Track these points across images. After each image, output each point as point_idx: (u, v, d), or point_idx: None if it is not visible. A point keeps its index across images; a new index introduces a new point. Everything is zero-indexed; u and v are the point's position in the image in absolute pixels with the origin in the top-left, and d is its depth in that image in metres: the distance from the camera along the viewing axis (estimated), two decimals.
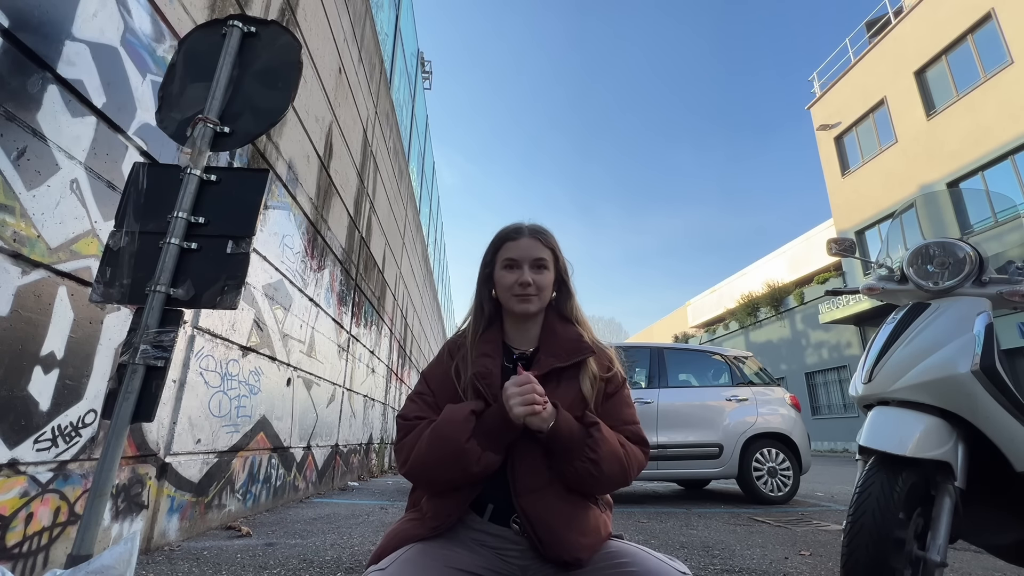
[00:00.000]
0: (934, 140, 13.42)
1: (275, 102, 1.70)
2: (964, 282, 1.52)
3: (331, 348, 5.21)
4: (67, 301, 1.83)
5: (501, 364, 1.04)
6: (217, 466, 2.99)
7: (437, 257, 20.40)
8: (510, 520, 0.96)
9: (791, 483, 4.63)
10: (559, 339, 1.06)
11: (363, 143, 6.22)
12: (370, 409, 7.23)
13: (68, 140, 1.81)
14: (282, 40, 1.77)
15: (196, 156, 1.60)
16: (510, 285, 1.04)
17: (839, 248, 1.93)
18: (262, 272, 3.49)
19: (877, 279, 1.78)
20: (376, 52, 6.87)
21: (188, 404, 2.67)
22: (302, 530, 3.01)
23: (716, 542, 2.91)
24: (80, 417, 1.91)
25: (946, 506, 1.30)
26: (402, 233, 9.63)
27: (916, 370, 1.39)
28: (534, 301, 1.04)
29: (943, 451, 1.31)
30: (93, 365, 1.97)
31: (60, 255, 1.79)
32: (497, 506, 0.97)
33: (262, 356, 3.55)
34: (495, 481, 0.96)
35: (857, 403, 1.59)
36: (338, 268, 5.35)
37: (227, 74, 1.70)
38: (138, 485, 2.29)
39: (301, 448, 4.44)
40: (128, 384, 1.41)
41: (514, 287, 1.04)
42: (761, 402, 4.89)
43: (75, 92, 1.83)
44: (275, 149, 3.58)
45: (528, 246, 1.06)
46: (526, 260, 1.05)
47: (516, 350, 1.08)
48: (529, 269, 1.04)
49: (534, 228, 1.09)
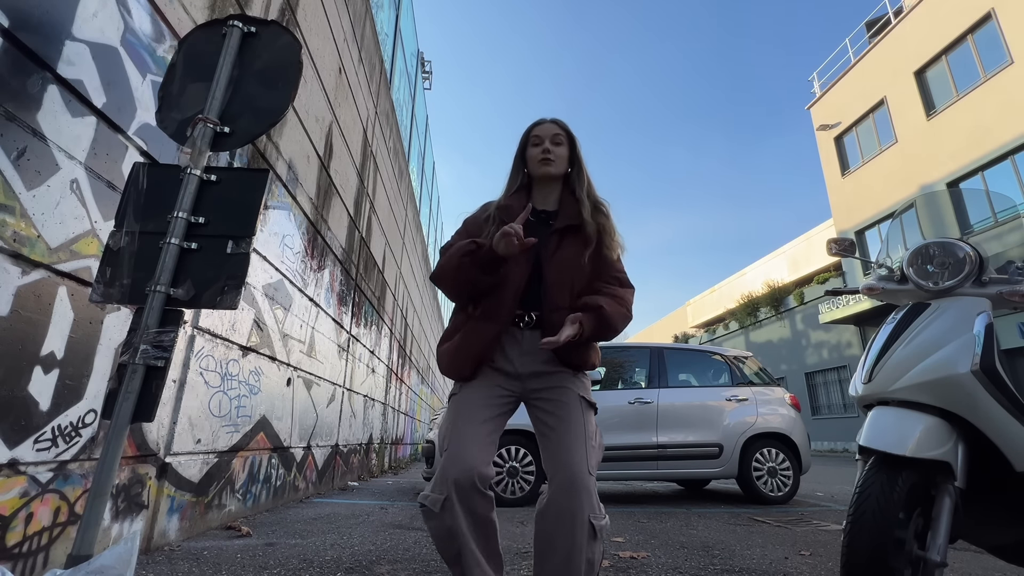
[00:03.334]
0: (934, 140, 13.42)
1: (275, 102, 1.70)
2: (964, 282, 1.52)
3: (331, 348, 5.21)
4: (67, 301, 1.83)
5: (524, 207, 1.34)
6: (217, 466, 2.99)
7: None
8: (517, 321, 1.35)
9: (791, 483, 4.63)
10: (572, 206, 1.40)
11: (363, 143, 6.22)
12: (370, 409, 7.23)
13: (68, 140, 1.81)
14: (282, 40, 1.77)
15: (196, 156, 1.60)
16: (536, 155, 1.41)
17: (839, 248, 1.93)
18: (262, 272, 3.49)
19: (877, 279, 1.78)
20: (376, 52, 6.87)
21: (188, 404, 2.67)
22: (302, 530, 3.01)
23: (716, 542, 2.91)
24: (80, 417, 1.91)
25: (946, 506, 1.30)
26: (402, 233, 9.63)
27: (916, 370, 1.39)
28: (553, 165, 1.40)
29: (943, 451, 1.31)
30: (93, 365, 1.97)
31: (60, 255, 1.79)
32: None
33: (262, 356, 3.55)
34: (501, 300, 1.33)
35: (857, 403, 1.59)
36: (338, 268, 5.35)
37: (227, 74, 1.69)
38: (138, 485, 2.29)
39: (301, 448, 4.44)
40: (128, 384, 1.41)
41: (539, 155, 1.40)
42: (761, 402, 4.89)
43: (75, 92, 1.83)
44: (275, 149, 3.58)
45: (549, 128, 1.43)
46: (547, 136, 1.42)
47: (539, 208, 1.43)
48: (549, 142, 1.41)
49: (554, 118, 1.46)
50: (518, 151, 1.48)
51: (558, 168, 1.41)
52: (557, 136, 1.41)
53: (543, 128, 1.43)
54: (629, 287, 1.40)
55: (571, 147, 1.44)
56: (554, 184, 1.44)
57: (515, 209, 1.37)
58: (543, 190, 1.44)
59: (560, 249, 1.36)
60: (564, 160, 1.42)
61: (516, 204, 1.39)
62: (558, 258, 1.35)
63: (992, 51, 12.19)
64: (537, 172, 1.41)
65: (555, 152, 1.40)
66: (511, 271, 1.33)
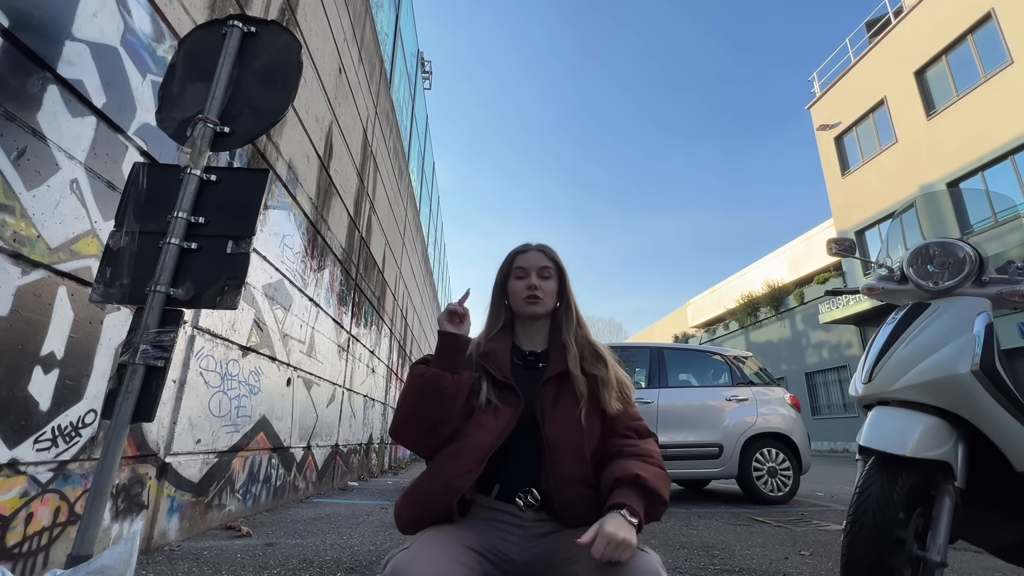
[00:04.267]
0: (934, 140, 13.41)
1: (275, 102, 1.70)
2: (964, 282, 1.52)
3: (331, 348, 5.21)
4: (67, 301, 1.83)
5: (510, 354, 1.20)
6: (217, 466, 2.99)
7: (437, 257, 20.40)
8: (514, 497, 1.06)
9: (791, 483, 4.63)
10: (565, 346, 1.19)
11: (363, 143, 6.22)
12: (370, 409, 7.23)
13: (68, 140, 1.81)
14: (282, 40, 1.77)
15: (196, 156, 1.60)
16: (520, 291, 1.22)
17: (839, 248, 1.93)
18: (262, 272, 3.49)
19: (877, 279, 1.78)
20: (376, 52, 6.87)
21: (188, 404, 2.67)
22: (302, 530, 3.01)
23: (716, 542, 2.91)
24: (80, 417, 1.91)
25: (946, 506, 1.30)
26: (402, 233, 9.63)
27: (916, 370, 1.39)
28: (540, 304, 1.21)
29: (943, 451, 1.31)
30: (93, 365, 1.97)
31: (60, 255, 1.79)
32: (503, 486, 1.08)
33: (262, 356, 3.55)
34: (503, 465, 1.07)
35: (857, 403, 1.59)
36: (338, 268, 5.35)
37: (227, 74, 1.70)
38: (138, 485, 2.29)
39: (301, 448, 4.44)
40: (128, 384, 1.41)
41: (523, 291, 1.22)
42: (761, 402, 4.89)
43: (75, 92, 1.83)
44: (275, 149, 3.58)
45: (535, 258, 1.26)
46: (533, 268, 1.24)
47: (526, 349, 1.23)
48: (536, 276, 1.23)
49: (540, 245, 1.29)
50: (498, 281, 1.29)
51: (546, 307, 1.23)
52: (545, 269, 1.24)
53: (528, 258, 1.25)
54: (649, 435, 1.13)
55: (560, 280, 1.26)
56: (542, 322, 1.25)
57: (500, 355, 1.17)
58: (529, 329, 1.25)
59: (560, 401, 1.11)
60: (553, 296, 1.24)
61: (500, 348, 1.19)
62: (561, 414, 1.08)
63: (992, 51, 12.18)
64: (523, 312, 1.22)
65: (543, 288, 1.21)
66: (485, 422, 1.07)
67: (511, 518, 1.05)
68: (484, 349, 1.18)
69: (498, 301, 1.28)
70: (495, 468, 1.06)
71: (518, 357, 1.21)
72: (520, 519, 1.04)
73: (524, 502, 1.05)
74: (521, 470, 1.07)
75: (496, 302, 1.29)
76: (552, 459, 1.04)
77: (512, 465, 1.07)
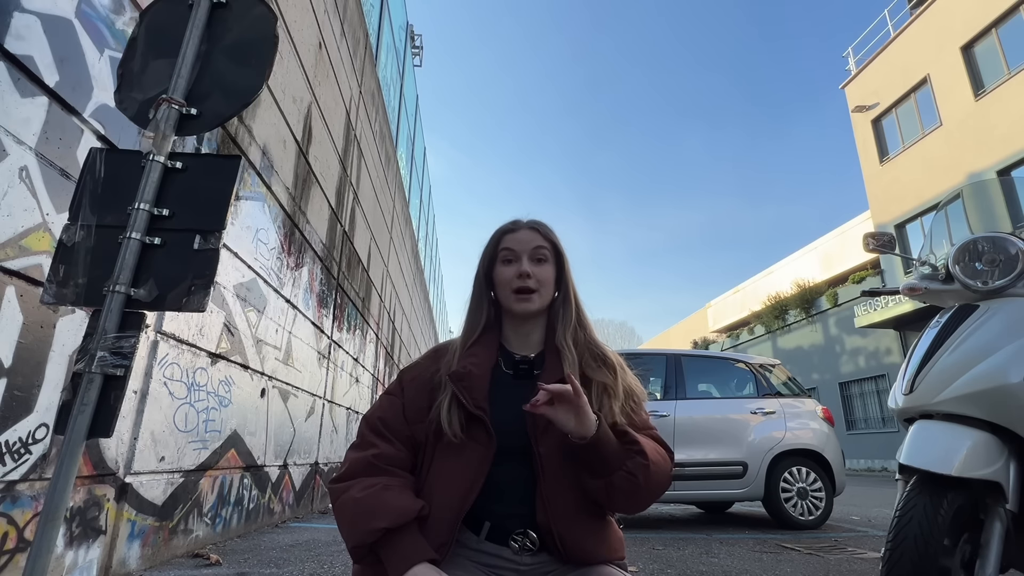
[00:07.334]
0: (983, 123, 13.42)
1: (248, 80, 1.70)
2: (1016, 281, 1.52)
3: (310, 355, 5.22)
4: (15, 303, 1.83)
5: (492, 369, 1.06)
6: (183, 487, 2.99)
7: (428, 253, 20.43)
8: (508, 539, 0.98)
9: (823, 506, 4.63)
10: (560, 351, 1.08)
11: (346, 126, 6.22)
12: (354, 423, 7.23)
13: (16, 123, 1.81)
14: (255, 11, 1.77)
15: (160, 141, 1.60)
16: (509, 279, 1.07)
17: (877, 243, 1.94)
18: (233, 270, 3.50)
19: (919, 278, 1.78)
20: (360, 25, 6.87)
21: (151, 417, 2.67)
22: (278, 558, 3.01)
23: (740, 571, 2.91)
24: (30, 432, 1.91)
25: (996, 531, 1.30)
26: (389, 227, 9.64)
27: (963, 380, 1.39)
28: (534, 298, 1.06)
29: (993, 470, 1.31)
30: (44, 374, 1.97)
31: (8, 251, 1.80)
32: (494, 524, 0.99)
33: (233, 364, 3.55)
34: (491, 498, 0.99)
35: (897, 416, 1.59)
36: (318, 266, 5.35)
37: (194, 49, 1.70)
38: (95, 508, 2.29)
39: (277, 466, 4.44)
40: (84, 395, 1.41)
41: (513, 281, 1.06)
42: (790, 415, 4.89)
43: (24, 69, 1.84)
44: (248, 133, 3.58)
45: (527, 237, 1.11)
46: (525, 251, 1.09)
47: (517, 355, 1.10)
48: (528, 260, 1.08)
49: (533, 221, 1.15)
50: (481, 268, 1.14)
51: (542, 300, 1.07)
52: (539, 250, 1.09)
53: (518, 238, 1.10)
54: (664, 445, 1.07)
55: (559, 265, 1.12)
56: (536, 319, 1.11)
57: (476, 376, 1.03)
58: (521, 329, 1.11)
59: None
60: (550, 286, 1.09)
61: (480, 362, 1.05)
62: (557, 433, 0.96)
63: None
64: (513, 308, 1.07)
65: (537, 276, 1.06)
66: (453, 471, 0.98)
67: (506, 563, 0.98)
68: (457, 368, 1.03)
69: (481, 294, 1.13)
70: (482, 501, 0.98)
71: (507, 365, 1.08)
72: (516, 563, 0.98)
73: (520, 544, 0.97)
74: (513, 501, 0.99)
75: (478, 296, 1.13)
76: (548, 488, 0.97)
77: (503, 497, 0.99)
